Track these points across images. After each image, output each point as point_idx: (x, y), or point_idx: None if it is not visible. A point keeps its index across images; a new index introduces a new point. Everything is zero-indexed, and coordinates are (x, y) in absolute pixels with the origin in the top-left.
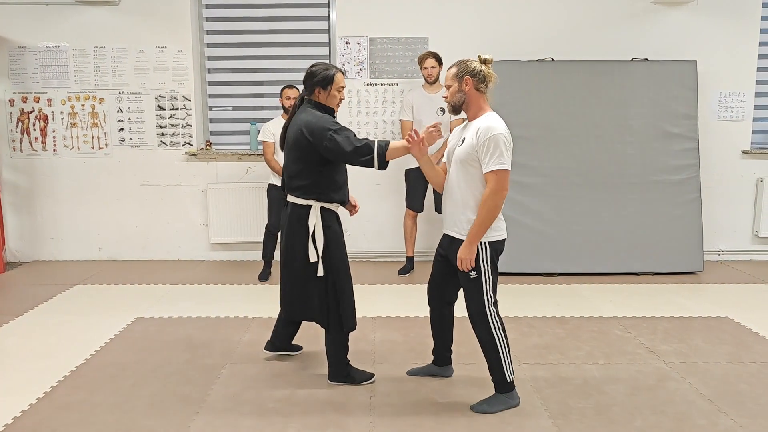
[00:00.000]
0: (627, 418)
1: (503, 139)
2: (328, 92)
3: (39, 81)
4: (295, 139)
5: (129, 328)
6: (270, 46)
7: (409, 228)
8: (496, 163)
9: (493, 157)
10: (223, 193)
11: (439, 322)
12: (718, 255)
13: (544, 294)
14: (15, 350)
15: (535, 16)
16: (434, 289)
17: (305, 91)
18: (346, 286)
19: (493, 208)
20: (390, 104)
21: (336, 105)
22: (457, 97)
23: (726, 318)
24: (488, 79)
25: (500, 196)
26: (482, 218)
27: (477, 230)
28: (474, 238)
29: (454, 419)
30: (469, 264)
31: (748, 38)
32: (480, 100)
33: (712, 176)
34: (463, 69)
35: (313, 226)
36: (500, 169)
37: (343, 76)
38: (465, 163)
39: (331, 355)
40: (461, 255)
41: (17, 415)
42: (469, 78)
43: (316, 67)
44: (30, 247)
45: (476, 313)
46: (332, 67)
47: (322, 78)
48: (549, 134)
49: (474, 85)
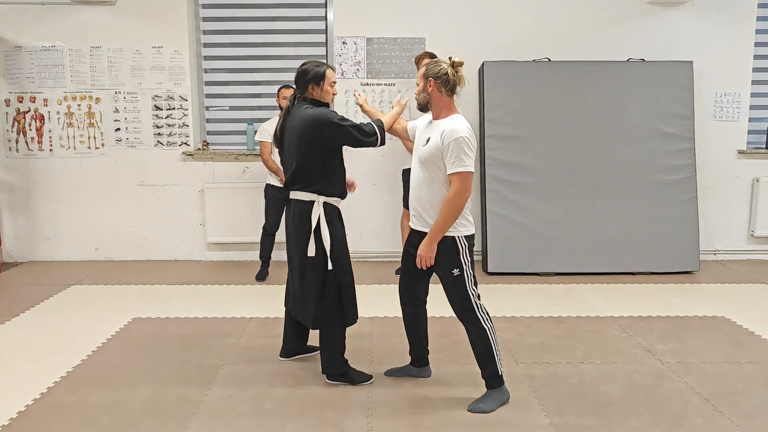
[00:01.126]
0: (623, 417)
1: (466, 141)
2: (321, 87)
3: (35, 81)
4: (298, 134)
5: (126, 328)
6: (267, 46)
7: (406, 227)
8: (460, 165)
9: (456, 159)
10: (220, 193)
11: (414, 323)
12: (714, 255)
13: (541, 294)
14: (11, 351)
15: (531, 16)
16: (407, 288)
17: (298, 90)
18: (348, 280)
19: (456, 208)
20: (387, 104)
21: (330, 100)
22: (422, 97)
23: (722, 317)
24: (454, 82)
25: (464, 197)
26: (444, 217)
27: (438, 229)
28: (435, 236)
29: (452, 419)
30: (429, 262)
31: (744, 39)
32: (443, 101)
33: (708, 176)
34: (429, 70)
35: (316, 221)
36: (464, 171)
37: (333, 71)
38: (429, 162)
39: (328, 353)
40: (422, 252)
41: (13, 416)
42: (432, 80)
43: (307, 65)
44: (26, 248)
45: (464, 309)
46: (322, 64)
47: (314, 75)
48: (545, 134)
49: (437, 87)
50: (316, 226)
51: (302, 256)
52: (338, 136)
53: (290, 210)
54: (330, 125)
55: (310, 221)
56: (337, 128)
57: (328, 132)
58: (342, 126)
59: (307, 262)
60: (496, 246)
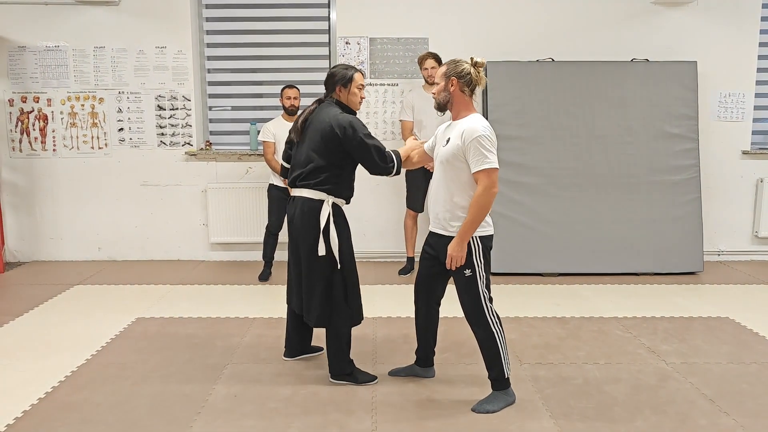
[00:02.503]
0: (628, 418)
1: (486, 138)
2: (349, 90)
3: (39, 81)
4: (322, 134)
5: (129, 328)
6: (270, 46)
7: (410, 228)
8: (484, 162)
9: (480, 157)
10: (222, 193)
11: (425, 323)
12: (718, 255)
13: (545, 294)
14: (15, 350)
15: (535, 16)
16: (422, 288)
17: (327, 92)
18: (354, 279)
19: (485, 205)
20: (390, 104)
21: (358, 104)
22: (443, 96)
23: (726, 318)
24: (475, 82)
25: (491, 194)
26: (473, 216)
27: (468, 228)
28: (465, 236)
29: (456, 419)
30: (459, 262)
31: (748, 38)
32: (464, 101)
33: (711, 177)
34: (452, 69)
35: (325, 221)
36: (489, 168)
37: (362, 75)
38: (450, 163)
39: (334, 352)
40: (452, 253)
41: (18, 415)
42: (455, 79)
43: (336, 68)
44: (29, 248)
45: (473, 311)
46: (351, 67)
47: (342, 77)
48: (549, 135)
49: (459, 87)
50: (326, 226)
51: (309, 254)
52: (359, 151)
53: (294, 207)
54: (356, 138)
55: (318, 220)
56: (361, 143)
57: (354, 142)
58: (366, 143)
59: (316, 261)
60: (499, 246)
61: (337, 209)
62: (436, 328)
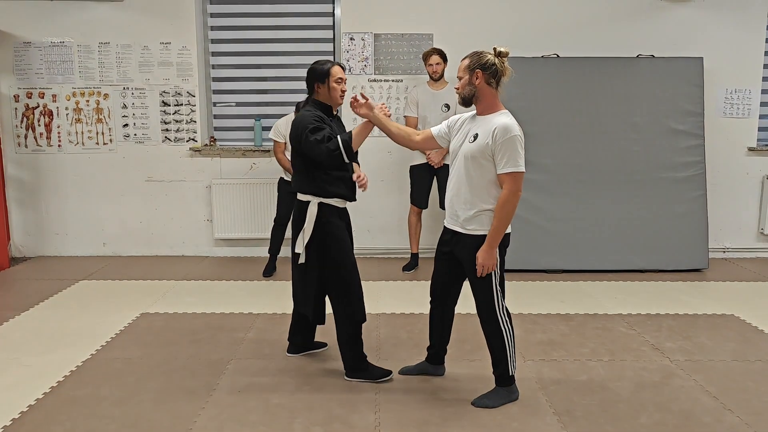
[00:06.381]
0: (632, 415)
1: (520, 140)
2: (327, 85)
3: (44, 77)
4: (292, 139)
5: (134, 323)
6: (274, 42)
7: (414, 224)
8: (513, 165)
9: (510, 158)
10: (227, 189)
11: (439, 321)
12: (723, 252)
13: (549, 291)
14: (21, 345)
15: (540, 12)
16: (439, 286)
17: (308, 91)
18: (351, 278)
19: (511, 209)
20: (395, 100)
21: (339, 97)
22: (468, 90)
23: (731, 315)
24: (501, 74)
25: (516, 198)
26: (500, 220)
27: (496, 234)
28: (494, 242)
29: (460, 415)
30: (490, 269)
31: (755, 34)
32: (491, 94)
33: (717, 173)
34: (476, 61)
35: (311, 220)
36: (516, 172)
37: (340, 68)
38: (476, 160)
39: (346, 350)
40: (482, 261)
41: (24, 409)
42: (479, 71)
43: (314, 65)
44: (35, 243)
45: (485, 308)
46: (328, 61)
47: (319, 73)
48: (553, 131)
49: (485, 79)
50: (305, 225)
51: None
52: (307, 149)
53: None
54: (298, 135)
55: (303, 221)
56: (306, 141)
57: (304, 142)
58: (307, 140)
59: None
60: None
61: (328, 209)
62: (450, 327)
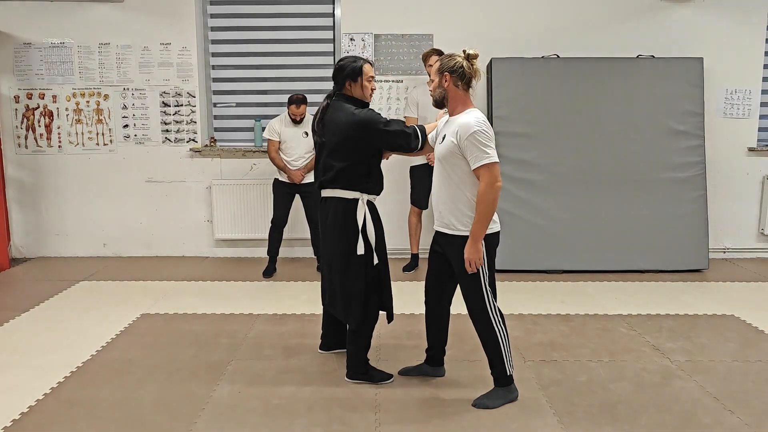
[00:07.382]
0: (632, 415)
1: (482, 133)
2: (359, 83)
3: (44, 77)
4: (342, 135)
5: (134, 324)
6: (274, 43)
7: (414, 225)
8: (482, 158)
9: (478, 153)
10: (227, 189)
11: (435, 322)
12: (724, 253)
13: (549, 291)
14: (21, 346)
15: (540, 12)
16: (433, 287)
17: (336, 87)
18: (388, 275)
19: (491, 201)
20: (395, 101)
21: (369, 96)
22: (438, 93)
23: (731, 316)
24: (470, 76)
25: (495, 189)
26: (481, 214)
27: (479, 228)
28: (477, 236)
29: (460, 416)
30: (478, 263)
31: (755, 35)
32: (459, 96)
33: (717, 174)
34: (444, 65)
35: (362, 219)
36: (488, 163)
37: (371, 66)
38: (447, 160)
39: (354, 352)
40: (468, 255)
41: (24, 410)
42: (447, 74)
43: (344, 61)
44: (35, 244)
45: (476, 308)
46: (359, 58)
47: (351, 70)
48: (554, 131)
49: (453, 82)
50: (363, 224)
51: (346, 254)
52: (386, 143)
53: (327, 209)
54: (378, 131)
55: (355, 220)
56: (384, 135)
57: (376, 136)
58: (389, 132)
59: (354, 260)
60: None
61: (371, 206)
62: (447, 327)
